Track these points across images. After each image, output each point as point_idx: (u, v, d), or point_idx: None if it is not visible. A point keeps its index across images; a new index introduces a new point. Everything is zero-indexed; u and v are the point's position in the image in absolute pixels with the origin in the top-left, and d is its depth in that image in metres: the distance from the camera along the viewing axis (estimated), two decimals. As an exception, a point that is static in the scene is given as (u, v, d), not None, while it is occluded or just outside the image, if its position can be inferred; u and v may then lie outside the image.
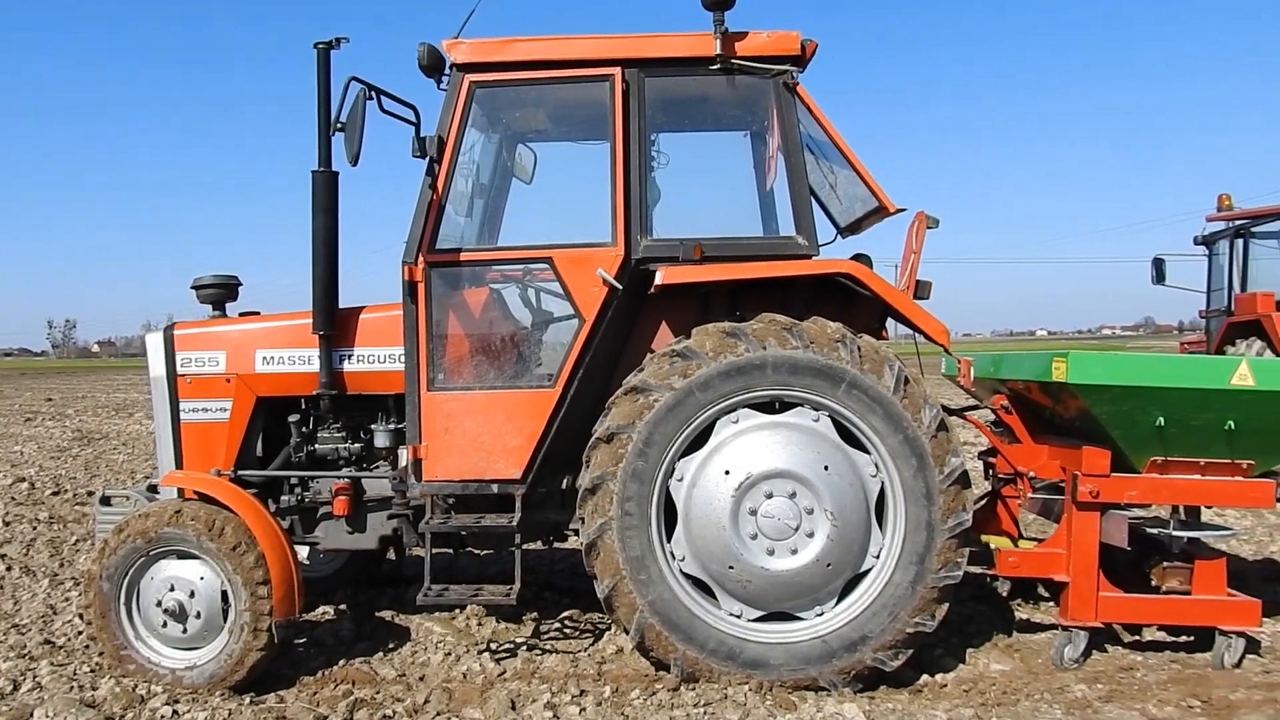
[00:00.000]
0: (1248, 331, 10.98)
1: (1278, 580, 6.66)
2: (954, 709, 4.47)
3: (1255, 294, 10.98)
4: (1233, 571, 5.44)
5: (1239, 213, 11.90)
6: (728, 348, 4.70)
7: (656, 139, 5.54)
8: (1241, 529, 8.27)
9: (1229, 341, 11.25)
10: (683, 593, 4.72)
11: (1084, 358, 4.99)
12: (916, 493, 4.66)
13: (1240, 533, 8.11)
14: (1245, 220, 11.70)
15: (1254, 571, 6.87)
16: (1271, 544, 7.85)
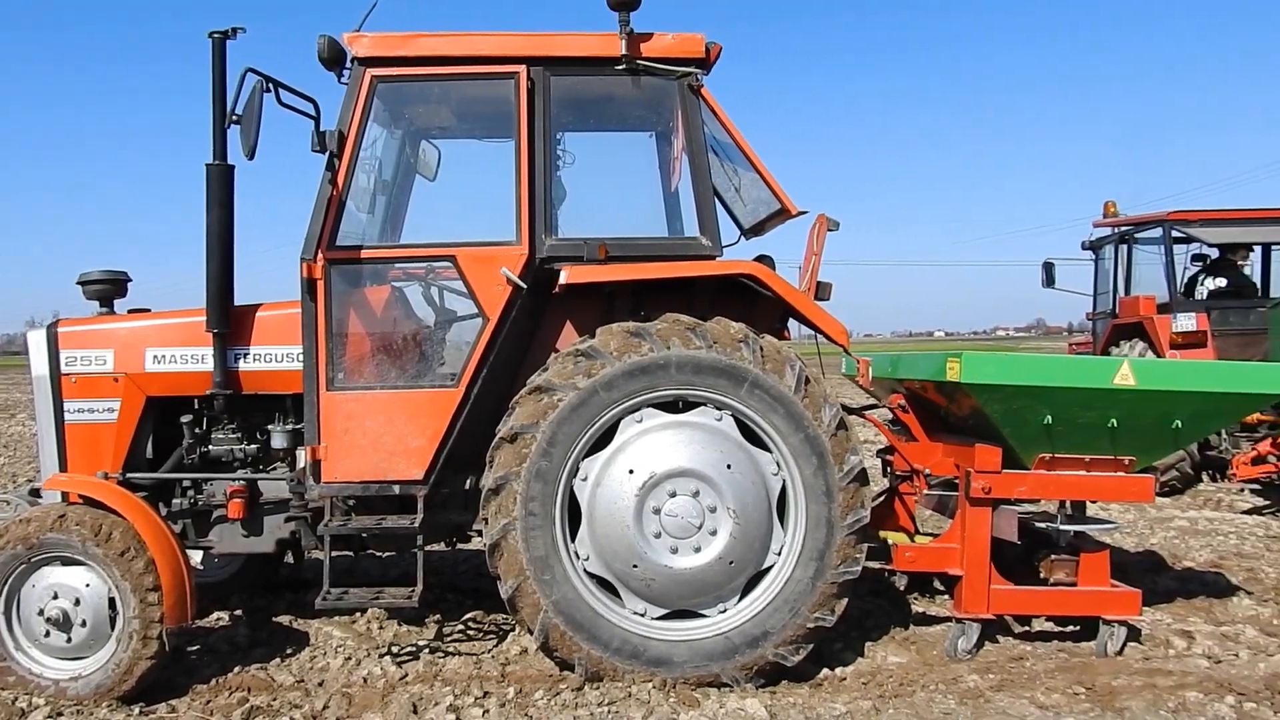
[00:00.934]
0: (1131, 333, 11.41)
1: (1158, 571, 6.96)
2: (853, 701, 4.56)
3: (1138, 297, 11.41)
4: (1115, 563, 5.67)
5: (1123, 220, 12.36)
6: (632, 347, 4.72)
7: (562, 138, 5.52)
8: (1124, 523, 8.63)
9: (1114, 343, 11.66)
10: (587, 592, 4.72)
11: (976, 358, 5.14)
12: (817, 490, 4.74)
13: (1123, 526, 8.46)
14: (1129, 227, 12.15)
15: (1135, 563, 7.17)
16: (1152, 536, 8.20)
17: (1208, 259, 11.78)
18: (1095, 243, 13.02)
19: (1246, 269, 11.65)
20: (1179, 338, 10.71)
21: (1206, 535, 8.26)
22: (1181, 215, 11.34)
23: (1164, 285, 11.36)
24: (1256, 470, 9.28)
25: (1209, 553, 7.58)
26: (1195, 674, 4.84)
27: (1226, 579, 6.70)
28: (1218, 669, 4.95)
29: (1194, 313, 10.83)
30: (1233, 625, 5.63)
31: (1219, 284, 11.42)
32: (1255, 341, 10.22)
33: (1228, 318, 10.90)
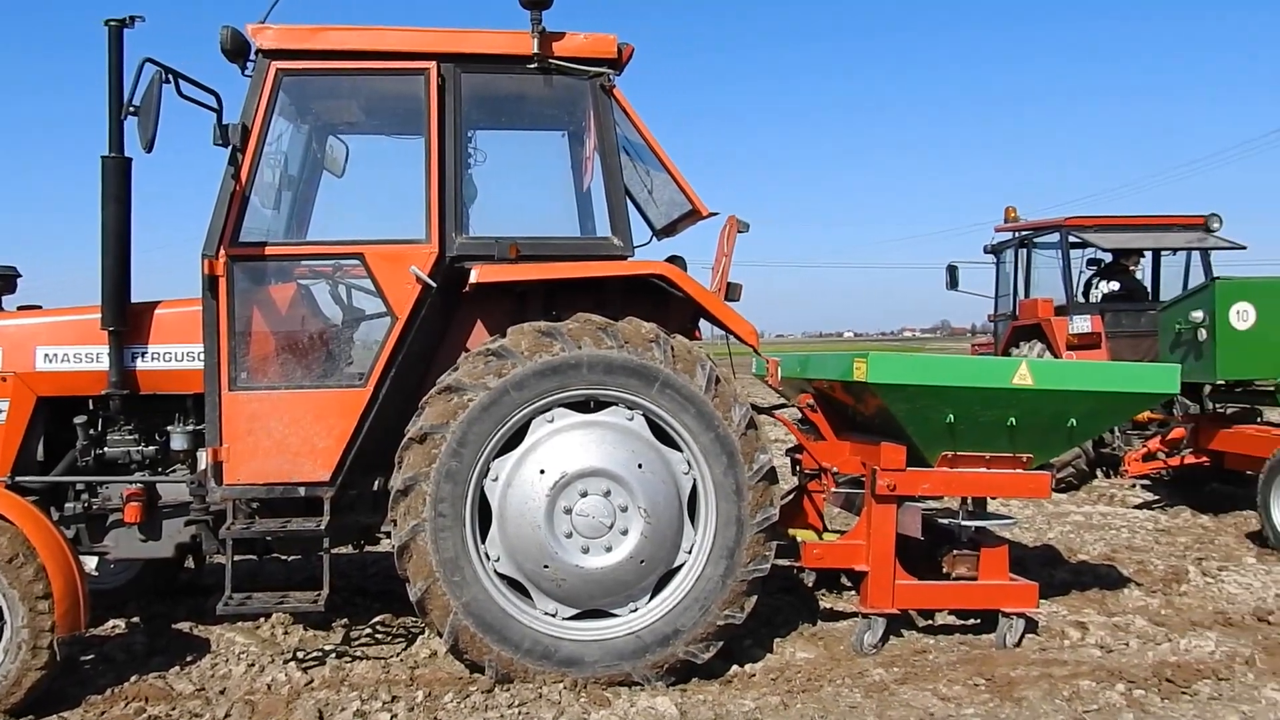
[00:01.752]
0: (1030, 335, 11.77)
1: (1054, 564, 7.19)
2: (762, 697, 4.62)
3: (1037, 300, 11.77)
4: (1014, 557, 5.85)
5: (1023, 224, 12.74)
6: (543, 347, 4.70)
7: (473, 136, 5.49)
8: (1023, 518, 8.89)
9: (1014, 344, 12.01)
10: (497, 593, 4.68)
11: (882, 359, 5.25)
12: (727, 489, 4.79)
13: (1021, 521, 8.73)
14: (1029, 231, 12.53)
15: (1033, 557, 7.39)
16: (1049, 531, 8.47)
17: (1102, 263, 12.22)
18: (996, 247, 13.40)
19: (1138, 273, 12.12)
20: (1075, 339, 11.09)
21: (1100, 529, 8.56)
22: (1077, 221, 11.74)
23: (1061, 288, 11.75)
24: (1147, 466, 9.65)
25: (1102, 546, 7.86)
26: (1089, 663, 5.01)
27: (1118, 571, 6.95)
28: (1109, 658, 5.13)
29: (1089, 315, 11.22)
30: (1124, 616, 5.84)
31: (1112, 288, 11.86)
32: (1146, 343, 10.63)
33: (1120, 320, 11.32)
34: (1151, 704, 4.47)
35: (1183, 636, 5.35)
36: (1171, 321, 8.98)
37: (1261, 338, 8.31)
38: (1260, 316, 8.31)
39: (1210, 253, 11.75)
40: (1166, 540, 8.13)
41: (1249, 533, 8.20)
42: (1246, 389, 8.93)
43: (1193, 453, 9.18)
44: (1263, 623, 5.73)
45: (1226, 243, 11.62)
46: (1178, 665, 4.91)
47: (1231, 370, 8.44)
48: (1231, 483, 9.52)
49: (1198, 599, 6.28)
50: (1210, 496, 9.71)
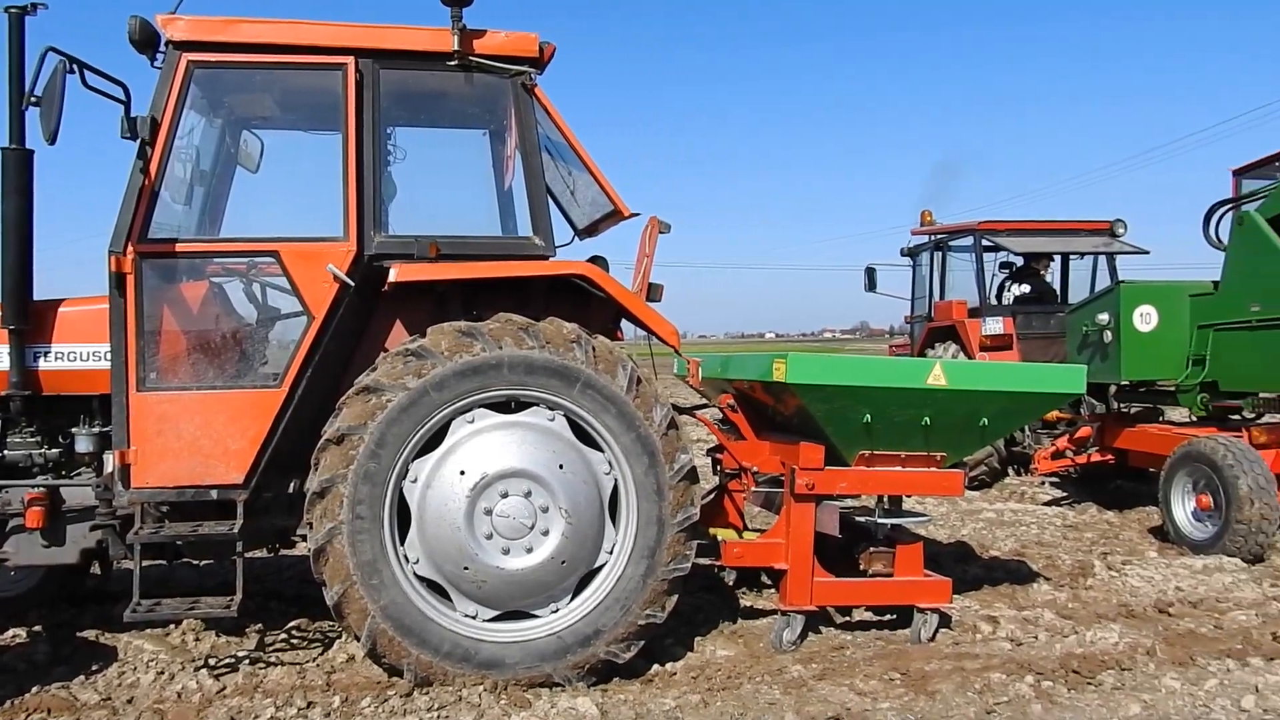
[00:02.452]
0: (945, 336, 12.04)
1: (967, 560, 7.36)
2: (682, 695, 4.64)
3: (951, 302, 12.05)
4: (929, 554, 5.98)
5: (938, 228, 13.01)
6: (463, 347, 4.66)
7: (393, 133, 5.42)
8: (938, 515, 9.09)
9: (930, 345, 12.26)
10: (416, 596, 4.63)
11: (801, 359, 5.32)
12: (648, 489, 4.80)
13: (936, 519, 8.92)
14: (943, 235, 12.81)
15: (947, 553, 7.56)
16: (963, 528, 8.67)
17: (1013, 267, 12.55)
18: (913, 250, 13.67)
19: (1048, 276, 12.47)
20: (988, 340, 11.37)
21: (1011, 526, 8.79)
22: (990, 225, 12.04)
23: (975, 291, 12.03)
24: (1056, 464, 9.94)
25: (1013, 542, 8.07)
26: (999, 656, 5.15)
27: (1028, 566, 7.15)
28: (1019, 651, 5.27)
29: (1001, 317, 11.51)
30: (1033, 609, 6.01)
31: (1023, 290, 12.19)
32: (1055, 344, 10.95)
33: (1031, 322, 11.64)
34: (1059, 695, 4.60)
35: (1088, 629, 5.52)
36: (1079, 323, 9.27)
37: (1163, 339, 8.62)
38: (1162, 319, 8.63)
39: (1116, 257, 12.15)
40: (1074, 536, 8.38)
41: (1151, 528, 8.49)
42: (1149, 389, 9.26)
43: (1099, 451, 9.48)
44: (1163, 614, 5.94)
45: (1131, 247, 12.02)
46: (1084, 657, 5.06)
47: (1135, 371, 8.75)
48: (1135, 479, 9.86)
49: (1103, 592, 6.48)
50: (1115, 493, 10.03)
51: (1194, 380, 8.48)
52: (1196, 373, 8.47)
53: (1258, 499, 7.06)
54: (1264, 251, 7.86)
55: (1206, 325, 8.41)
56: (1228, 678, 4.74)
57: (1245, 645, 5.26)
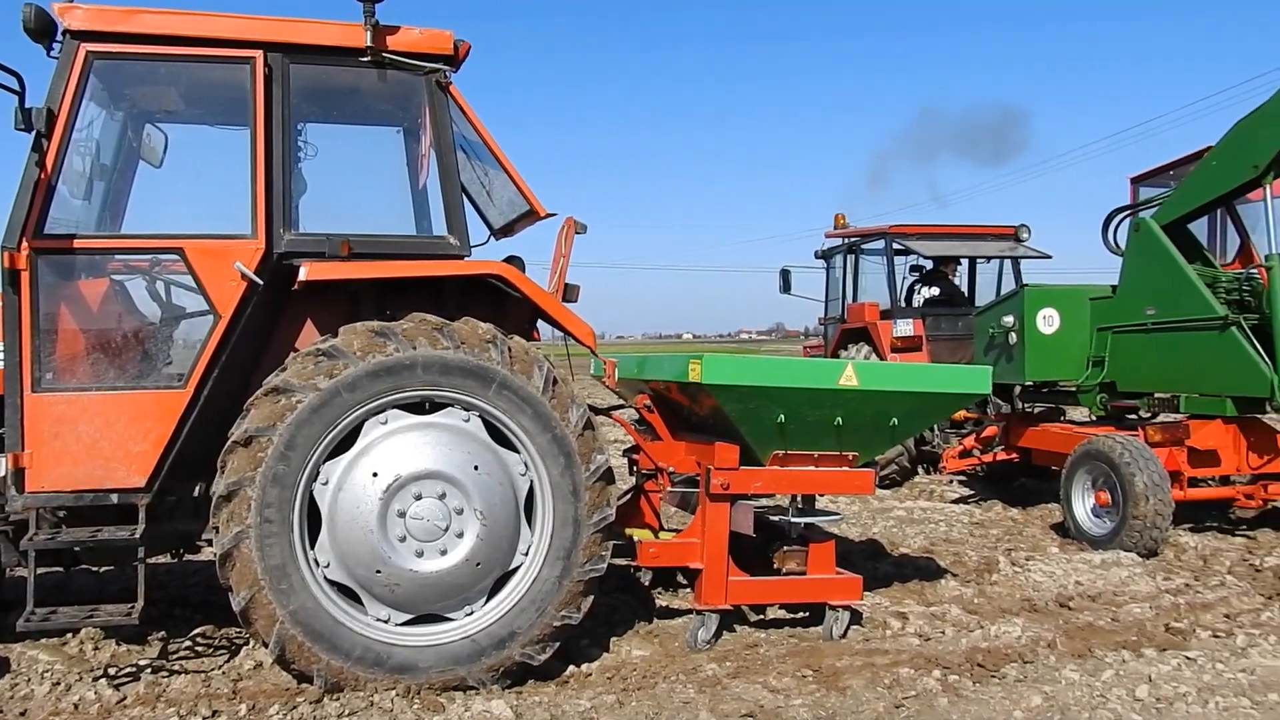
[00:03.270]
0: (858, 337, 12.24)
1: (878, 558, 7.51)
2: (598, 696, 4.64)
3: (864, 304, 12.26)
4: (841, 552, 6.07)
5: (852, 231, 13.24)
6: (376, 347, 4.60)
7: (303, 129, 5.32)
8: (850, 514, 9.25)
9: (843, 346, 12.46)
10: (327, 600, 4.54)
11: (716, 360, 5.37)
12: (564, 490, 4.79)
13: (848, 517, 9.08)
14: (856, 238, 13.03)
15: (859, 551, 7.70)
16: (874, 526, 8.84)
17: (923, 270, 12.83)
18: (827, 252, 13.87)
19: (956, 280, 12.78)
20: (899, 342, 11.60)
21: (920, 524, 8.99)
22: (900, 229, 12.30)
23: (886, 293, 12.27)
24: (963, 463, 10.18)
25: (922, 539, 8.25)
26: (908, 651, 5.26)
27: (936, 563, 7.31)
28: (927, 646, 5.40)
29: (911, 319, 11.75)
30: (940, 605, 6.15)
31: (933, 293, 12.47)
32: (963, 346, 11.23)
33: (940, 324, 11.92)
34: (964, 688, 4.72)
35: (993, 623, 5.67)
36: (985, 326, 9.52)
37: (1065, 341, 8.91)
38: (1064, 321, 8.91)
39: (1020, 261, 12.51)
40: (980, 533, 8.61)
41: (1053, 524, 8.76)
42: (1051, 389, 9.56)
43: (1004, 450, 9.74)
44: (1064, 608, 6.14)
45: (1035, 252, 12.39)
46: (988, 650, 5.20)
47: (1038, 372, 9.02)
48: (1038, 477, 10.16)
49: (1007, 587, 6.66)
50: (1019, 491, 10.33)
51: (1093, 381, 8.78)
52: (1096, 374, 8.77)
53: (1152, 496, 7.32)
54: (1159, 257, 8.17)
55: (1105, 328, 8.71)
56: (1123, 668, 4.92)
57: (1140, 637, 5.46)
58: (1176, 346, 8.05)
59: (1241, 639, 5.35)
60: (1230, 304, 7.77)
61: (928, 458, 11.79)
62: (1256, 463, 8.06)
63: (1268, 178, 7.58)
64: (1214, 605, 6.10)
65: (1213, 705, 4.43)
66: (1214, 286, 7.90)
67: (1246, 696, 4.51)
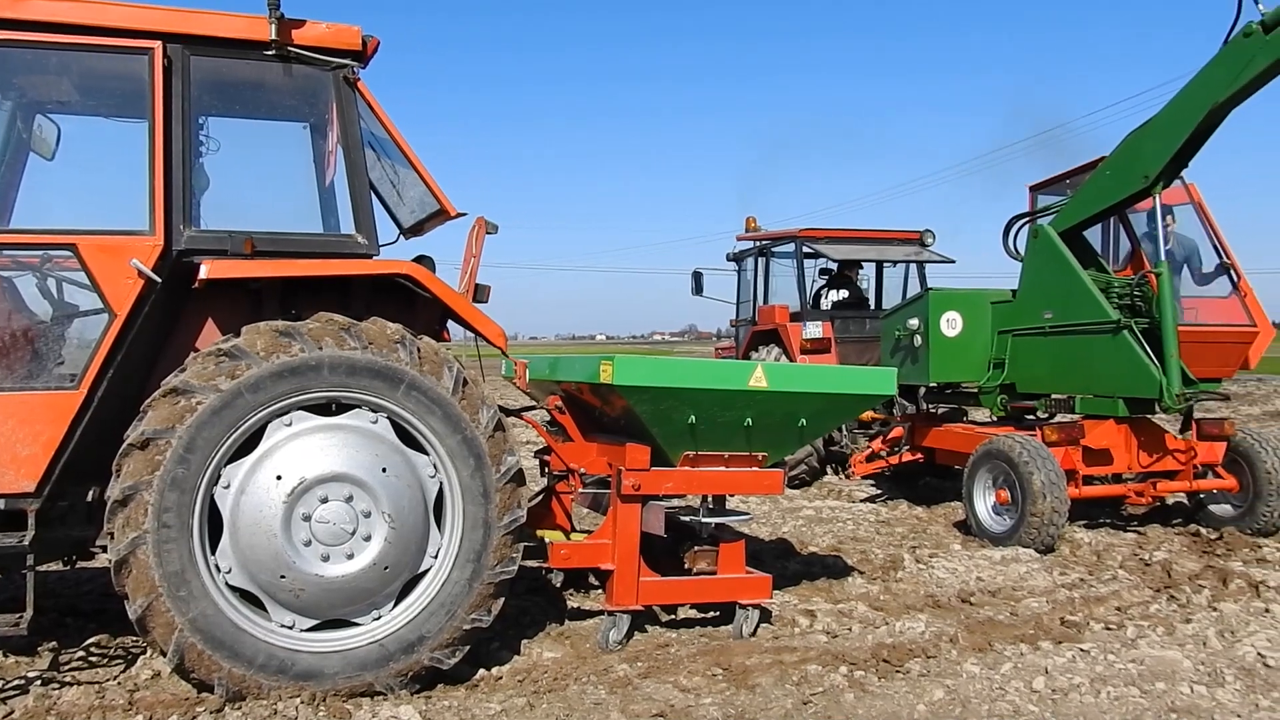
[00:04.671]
0: (768, 339, 12.40)
1: (787, 557, 7.61)
2: (508, 699, 4.62)
3: (774, 306, 12.42)
4: (751, 551, 6.14)
5: (762, 234, 13.40)
6: (281, 347, 4.49)
7: (205, 123, 5.17)
8: (760, 514, 9.36)
9: (753, 348, 12.61)
10: (228, 607, 4.43)
11: (627, 361, 5.38)
12: (474, 492, 4.75)
13: (758, 517, 9.19)
14: (767, 241, 13.20)
15: (769, 550, 7.79)
16: (784, 525, 8.96)
17: (832, 273, 13.06)
18: (738, 255, 14.02)
19: (862, 283, 13.03)
20: (808, 344, 11.79)
21: (829, 523, 9.13)
22: (810, 233, 12.49)
23: (796, 296, 12.45)
24: (871, 467, 10.38)
25: (830, 538, 8.39)
26: (816, 648, 5.34)
27: (844, 561, 7.45)
28: (834, 642, 5.49)
29: (820, 321, 11.96)
30: (848, 602, 6.27)
31: (841, 295, 12.71)
32: (870, 348, 11.45)
33: (848, 326, 12.14)
34: (870, 683, 4.81)
35: (898, 619, 5.80)
36: (891, 328, 9.73)
37: (967, 344, 9.16)
38: (966, 324, 9.16)
39: (925, 265, 12.82)
40: (886, 531, 8.79)
41: (956, 522, 8.99)
42: (955, 390, 9.81)
43: (909, 450, 9.96)
44: (965, 604, 6.31)
45: (939, 256, 12.71)
46: (893, 646, 5.31)
47: (942, 373, 9.26)
48: (942, 476, 10.43)
49: (911, 584, 6.82)
50: (924, 490, 10.58)
51: (994, 383, 9.04)
52: (996, 375, 9.03)
53: (1049, 493, 7.57)
54: (1056, 263, 8.45)
55: (1006, 331, 8.98)
56: (1021, 661, 5.07)
57: (1037, 630, 5.64)
58: (1072, 349, 8.34)
59: (1131, 630, 5.56)
60: (1122, 308, 8.08)
61: (836, 458, 11.99)
62: (1146, 461, 8.39)
63: (1157, 188, 7.92)
64: (1106, 599, 6.33)
65: (1104, 695, 4.59)
66: (1107, 291, 8.21)
67: (1136, 686, 4.69)
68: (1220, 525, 8.35)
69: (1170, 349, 7.70)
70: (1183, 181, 8.40)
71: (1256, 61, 7.11)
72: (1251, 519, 8.23)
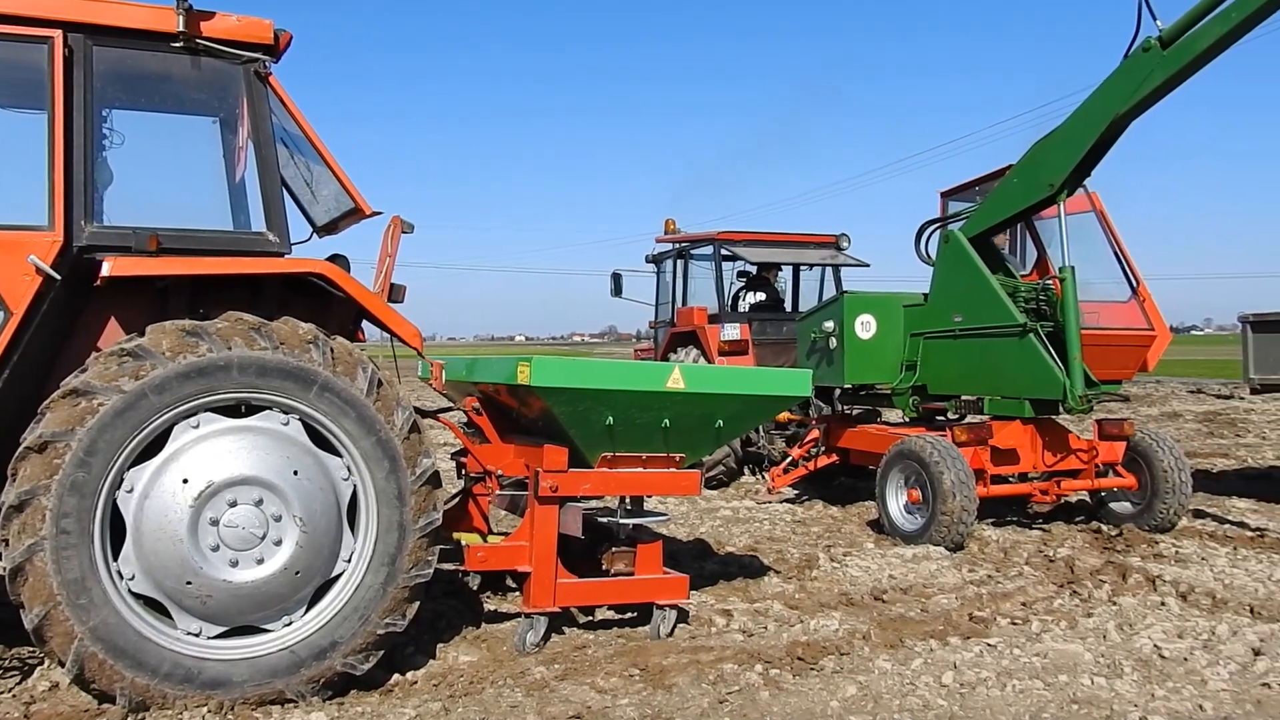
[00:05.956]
0: (687, 341, 12.47)
1: (704, 557, 7.66)
2: (423, 704, 4.56)
3: (693, 308, 12.50)
4: (669, 552, 6.17)
5: (681, 236, 13.47)
6: (187, 347, 4.37)
7: (109, 115, 5.02)
8: (678, 514, 9.41)
9: (672, 349, 12.67)
10: (131, 614, 4.29)
11: (545, 362, 5.36)
12: (389, 494, 4.68)
13: (676, 518, 9.23)
14: (686, 243, 13.28)
15: (686, 550, 7.84)
16: (702, 526, 9.01)
17: (749, 276, 13.18)
18: (657, 257, 14.07)
19: (779, 286, 13.19)
20: (726, 346, 11.89)
21: (746, 523, 9.22)
22: (728, 236, 12.60)
23: (714, 298, 12.54)
24: (789, 478, 10.45)
25: (747, 538, 8.47)
26: (732, 647, 5.39)
27: (760, 561, 7.52)
28: (750, 641, 5.54)
29: (738, 323, 12.07)
30: (764, 601, 6.33)
31: (758, 298, 12.84)
32: (787, 350, 11.59)
33: (765, 329, 12.27)
34: (785, 681, 4.87)
35: (813, 618, 5.88)
36: (808, 330, 9.87)
37: (881, 346, 9.33)
38: (880, 327, 9.33)
39: (840, 269, 13.02)
40: (802, 530, 8.90)
41: (869, 521, 9.15)
42: (869, 392, 9.98)
43: (825, 452, 10.09)
44: (878, 601, 6.42)
45: (854, 260, 12.92)
46: (808, 644, 5.38)
47: (856, 375, 9.41)
48: (856, 476, 10.59)
49: (826, 583, 6.92)
50: (839, 490, 10.74)
51: (906, 384, 9.23)
52: (909, 377, 9.21)
53: (959, 493, 7.75)
54: (965, 268, 8.66)
55: (918, 334, 9.17)
56: (931, 656, 5.18)
57: (946, 626, 5.77)
58: (980, 352, 8.56)
59: (1036, 625, 5.72)
60: (1029, 312, 8.31)
61: (753, 458, 12.10)
62: (1051, 460, 8.64)
63: (1061, 196, 8.17)
64: (1013, 594, 6.50)
65: (1010, 688, 4.72)
66: (1014, 296, 8.44)
67: (1040, 679, 4.82)
68: (1120, 522, 8.64)
69: (1074, 352, 7.94)
70: (1086, 190, 8.67)
71: (1154, 76, 7.39)
72: (1149, 516, 8.53)
